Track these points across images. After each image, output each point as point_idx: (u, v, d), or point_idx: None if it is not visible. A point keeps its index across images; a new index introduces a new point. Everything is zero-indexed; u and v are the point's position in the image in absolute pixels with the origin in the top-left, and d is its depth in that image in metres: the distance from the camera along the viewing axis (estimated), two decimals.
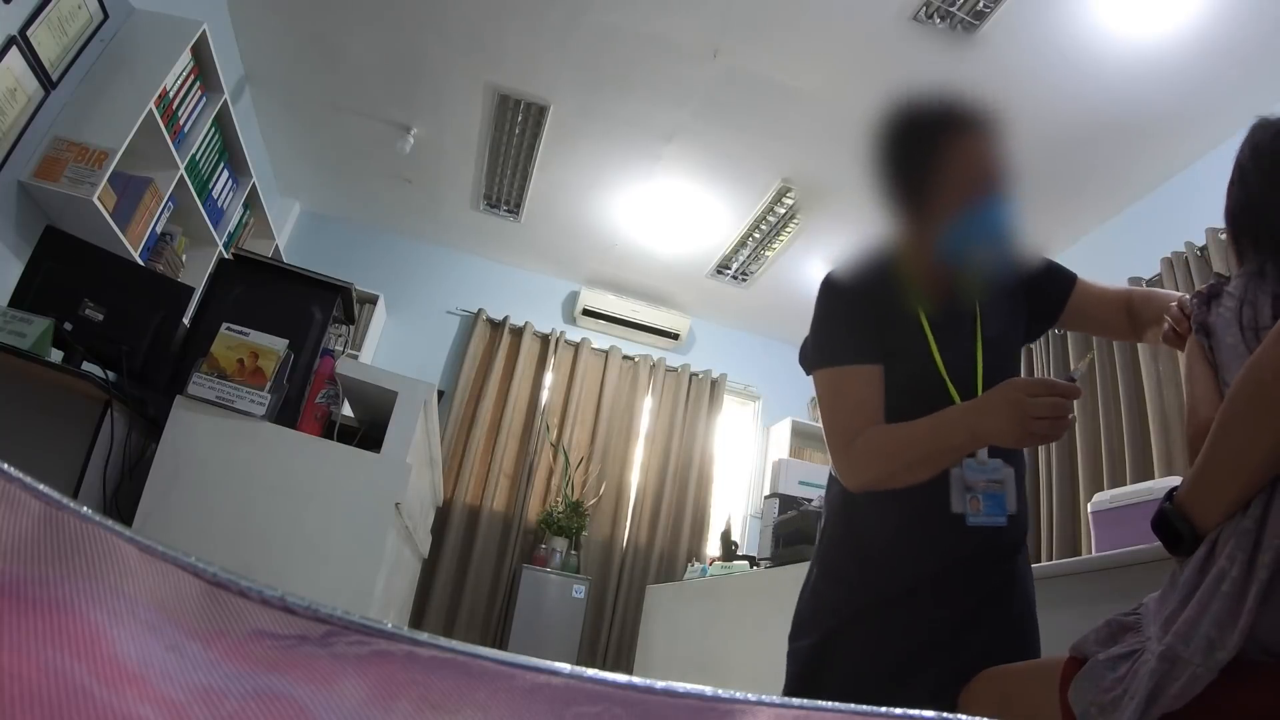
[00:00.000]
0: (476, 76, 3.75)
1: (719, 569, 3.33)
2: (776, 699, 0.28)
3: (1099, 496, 1.85)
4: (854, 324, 1.22)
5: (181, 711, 0.25)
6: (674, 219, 4.64)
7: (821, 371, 1.24)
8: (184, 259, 3.40)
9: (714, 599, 3.24)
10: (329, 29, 3.59)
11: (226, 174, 3.61)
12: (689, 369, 5.55)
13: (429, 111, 4.07)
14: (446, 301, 5.33)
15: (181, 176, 3.08)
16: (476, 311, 5.28)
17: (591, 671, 0.28)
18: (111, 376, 1.88)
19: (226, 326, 1.88)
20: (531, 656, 0.27)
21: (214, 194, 3.51)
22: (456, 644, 0.28)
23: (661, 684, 0.28)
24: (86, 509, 0.27)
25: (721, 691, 0.28)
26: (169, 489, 1.76)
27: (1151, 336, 1.24)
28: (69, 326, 1.88)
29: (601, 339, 5.51)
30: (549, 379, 5.29)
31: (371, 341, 4.87)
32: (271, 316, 1.97)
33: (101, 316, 1.93)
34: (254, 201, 4.02)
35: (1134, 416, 3.29)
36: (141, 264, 2.86)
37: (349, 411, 2.23)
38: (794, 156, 3.95)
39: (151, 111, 2.77)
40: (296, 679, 0.27)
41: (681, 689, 0.28)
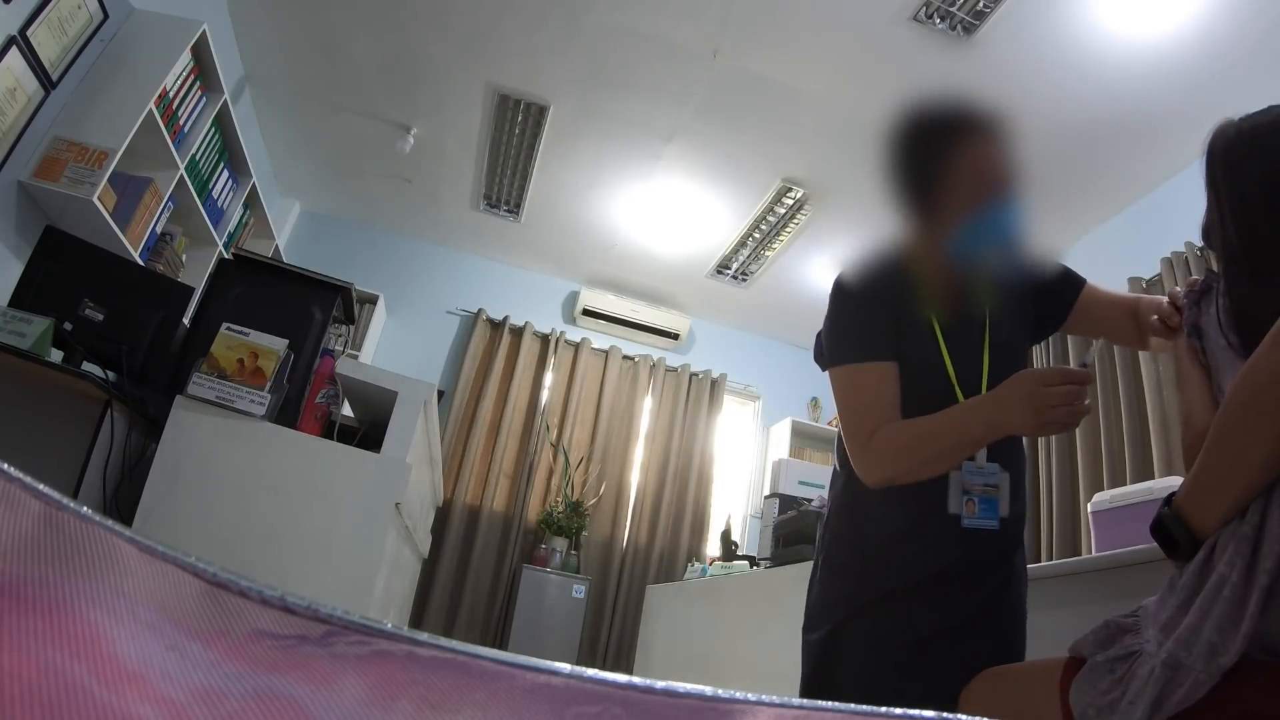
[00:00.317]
0: (476, 76, 3.75)
1: (719, 569, 3.33)
2: (776, 699, 0.28)
3: (1099, 496, 1.85)
4: (868, 322, 1.23)
5: (181, 711, 0.25)
6: (674, 219, 4.64)
7: (838, 369, 1.25)
8: (184, 259, 3.40)
9: (714, 599, 3.24)
10: (329, 29, 3.59)
11: (226, 174, 3.61)
12: (689, 369, 5.55)
13: (429, 111, 4.07)
14: (446, 301, 5.33)
15: (181, 176, 3.08)
16: (476, 311, 5.28)
17: (591, 671, 0.28)
18: (111, 376, 1.88)
19: (226, 326, 1.88)
20: (531, 656, 0.27)
21: (214, 194, 3.51)
22: (456, 644, 0.28)
23: (661, 684, 0.28)
24: (86, 509, 0.27)
25: (721, 691, 0.28)
26: (169, 489, 1.76)
27: (1156, 342, 1.24)
28: (69, 326, 1.88)
29: (601, 339, 5.51)
30: (549, 379, 5.29)
31: (371, 341, 4.87)
32: (271, 316, 1.97)
33: (101, 316, 1.93)
34: (254, 201, 4.02)
35: (1134, 416, 3.29)
36: (141, 264, 2.86)
37: (349, 411, 2.23)
38: (794, 156, 3.95)
39: (151, 111, 2.77)
40: (296, 679, 0.27)
41: (681, 689, 0.28)
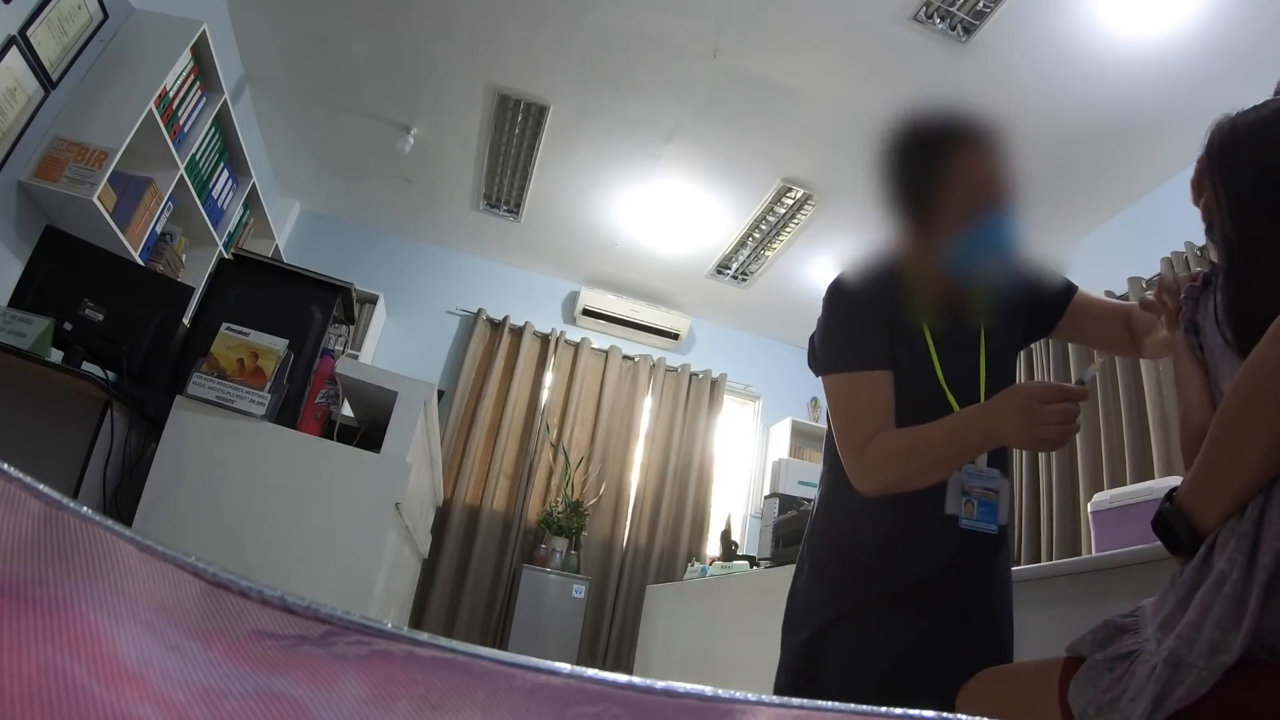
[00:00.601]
0: (476, 76, 3.75)
1: (719, 569, 3.33)
2: (776, 699, 0.28)
3: (1099, 496, 1.85)
4: (863, 330, 1.23)
5: (181, 711, 0.25)
6: (674, 219, 4.64)
7: (832, 377, 1.25)
8: (184, 259, 3.41)
9: (714, 599, 3.24)
10: (329, 29, 3.59)
11: (226, 174, 3.61)
12: (689, 369, 5.55)
13: (429, 111, 4.07)
14: (446, 301, 5.33)
15: (181, 176, 3.08)
16: (476, 311, 5.28)
17: (591, 671, 0.28)
18: (111, 376, 1.88)
19: (226, 326, 1.88)
20: (531, 656, 0.27)
21: (214, 194, 3.51)
22: (456, 644, 0.28)
23: (661, 684, 0.28)
24: (86, 509, 0.27)
25: (721, 691, 0.28)
26: (169, 489, 1.76)
27: (1150, 348, 1.24)
28: (69, 326, 1.88)
29: (601, 339, 5.51)
30: (549, 379, 5.29)
31: (371, 341, 4.87)
32: (271, 316, 1.97)
33: (101, 316, 1.93)
34: (254, 201, 4.02)
35: (1134, 417, 3.29)
36: (141, 264, 2.86)
37: (349, 411, 2.23)
38: (794, 156, 3.95)
39: (151, 111, 2.77)
40: (296, 679, 0.27)
41: (681, 689, 0.28)
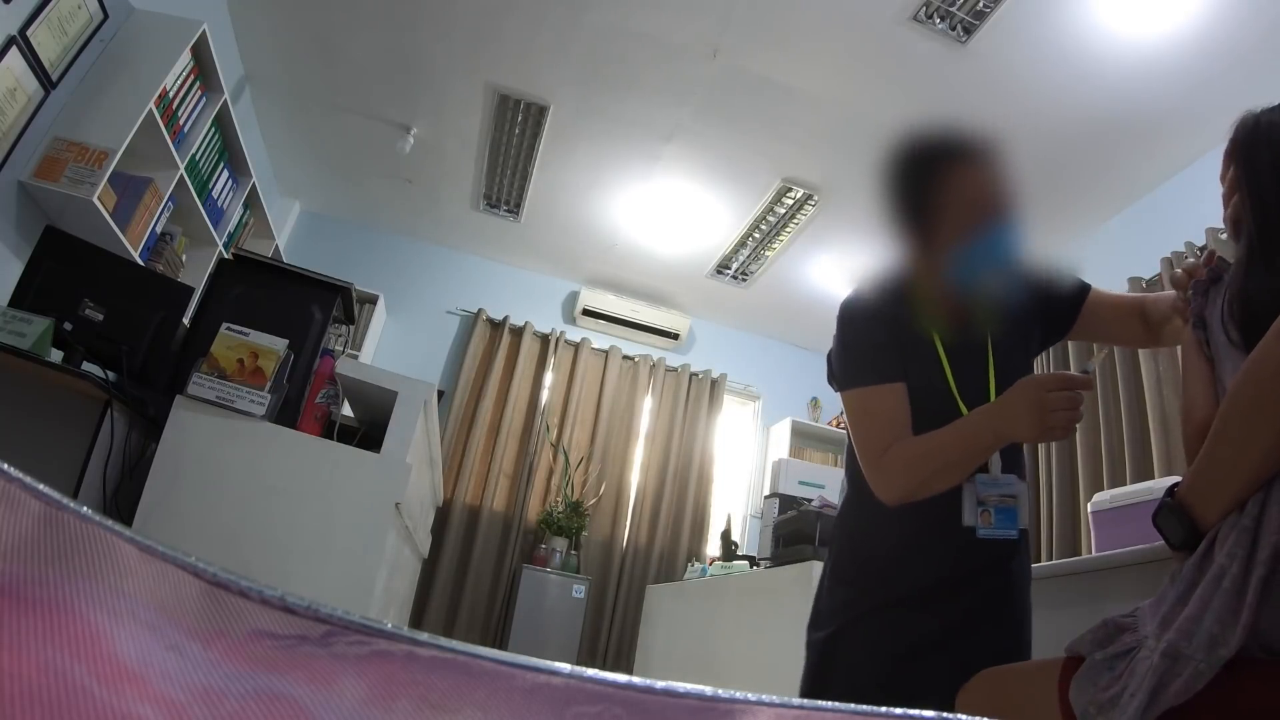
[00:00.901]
0: (476, 76, 3.75)
1: (719, 569, 3.33)
2: (776, 699, 0.28)
3: (1099, 496, 1.85)
4: (876, 345, 1.27)
5: (181, 711, 0.25)
6: (674, 219, 4.64)
7: (850, 392, 1.28)
8: (184, 259, 3.40)
9: (714, 599, 3.24)
10: (329, 29, 3.59)
11: (226, 174, 3.61)
12: (689, 369, 5.55)
13: (429, 111, 4.07)
14: (446, 301, 5.33)
15: (181, 176, 3.08)
16: (476, 311, 5.28)
17: (591, 671, 0.28)
18: (111, 376, 1.88)
19: (226, 326, 1.88)
20: (531, 656, 0.27)
21: (214, 194, 3.51)
22: (456, 644, 0.28)
23: (661, 684, 0.28)
24: (86, 509, 0.27)
25: (721, 691, 0.28)
26: (169, 489, 1.76)
27: (1168, 336, 1.25)
28: (69, 326, 1.88)
29: (601, 339, 5.51)
30: (549, 379, 5.29)
31: (371, 341, 4.87)
32: (271, 316, 1.97)
33: (101, 316, 1.93)
34: (254, 201, 4.02)
35: (1134, 416, 3.29)
36: (141, 264, 2.86)
37: (349, 411, 2.23)
38: (794, 156, 3.95)
39: (151, 111, 2.77)
40: (296, 679, 0.27)
41: (681, 689, 0.28)
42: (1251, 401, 0.82)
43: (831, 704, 0.29)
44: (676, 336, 5.56)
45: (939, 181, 1.21)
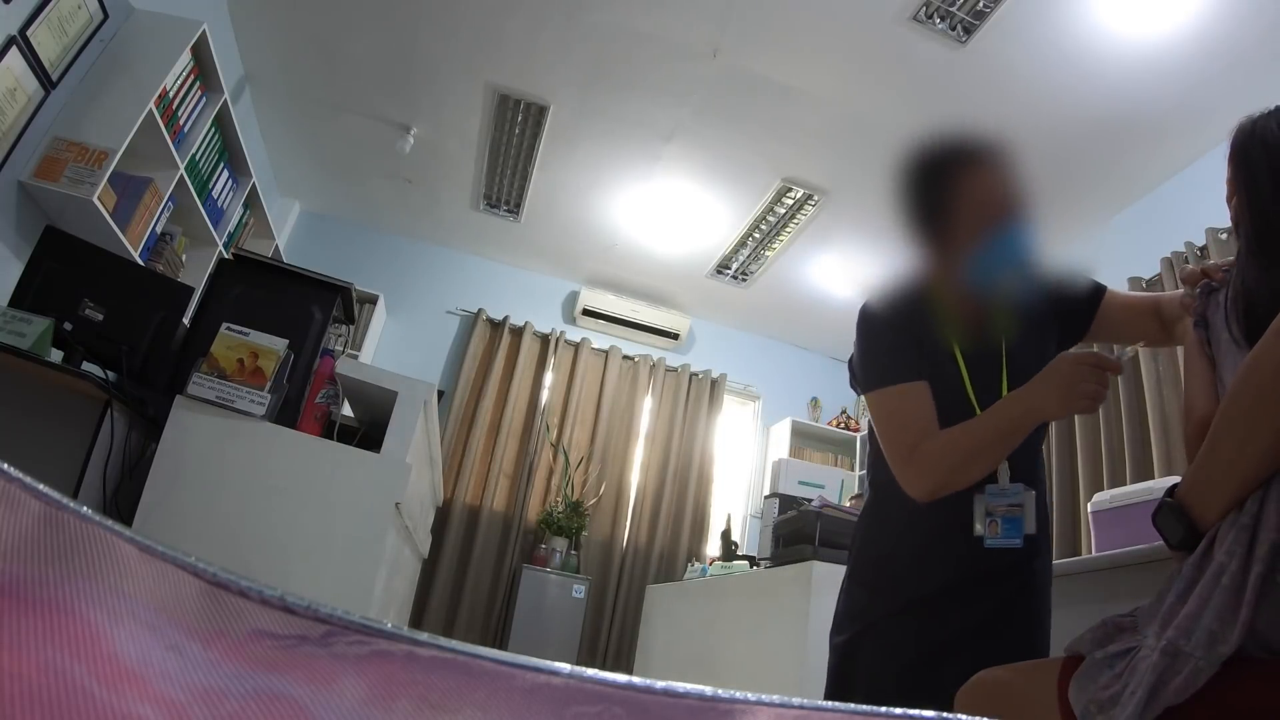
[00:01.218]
0: (476, 76, 3.75)
1: (719, 569, 3.33)
2: (776, 699, 0.28)
3: (1099, 496, 1.85)
4: (897, 346, 1.28)
5: (181, 711, 0.25)
6: (674, 219, 4.64)
7: (874, 393, 1.28)
8: (184, 259, 3.40)
9: (714, 599, 3.24)
10: (329, 29, 3.59)
11: (226, 174, 3.61)
12: (689, 369, 5.55)
13: (429, 111, 4.07)
14: (446, 301, 5.33)
15: (181, 176, 3.08)
16: (476, 311, 5.28)
17: (591, 671, 0.28)
18: (111, 376, 1.88)
19: (226, 326, 1.88)
20: (531, 656, 0.27)
21: (214, 194, 3.51)
22: (456, 644, 0.28)
23: (661, 684, 0.28)
24: (86, 509, 0.27)
25: (721, 691, 0.28)
26: (169, 489, 1.76)
27: (1181, 334, 1.25)
28: (69, 326, 1.88)
29: (601, 339, 5.51)
30: (549, 379, 5.29)
31: (371, 341, 4.87)
32: (271, 316, 1.97)
33: (101, 316, 1.93)
34: (254, 201, 4.02)
35: (1134, 416, 3.29)
36: (141, 264, 2.86)
37: (349, 411, 2.23)
38: (794, 156, 3.95)
39: (151, 111, 2.76)
40: (296, 679, 0.27)
41: (681, 689, 0.28)
42: (1251, 401, 0.82)
43: (831, 704, 0.29)
44: (676, 336, 5.56)
45: (955, 186, 1.21)
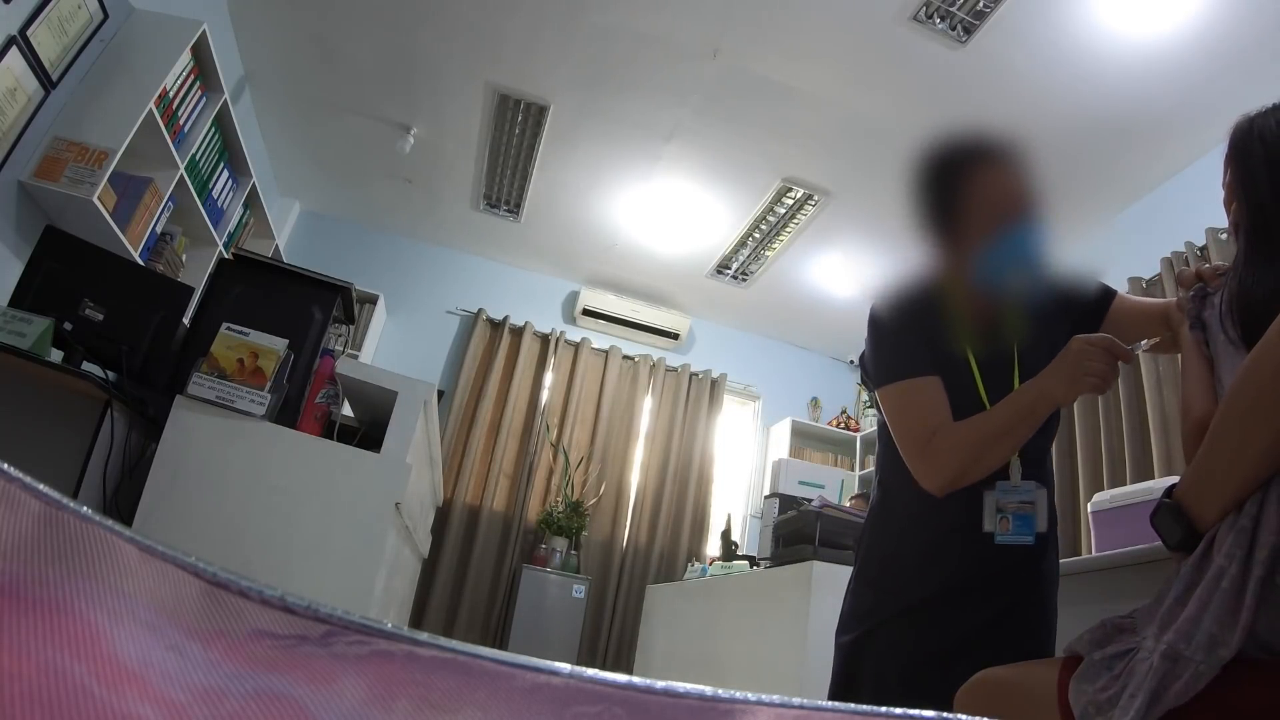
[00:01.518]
0: (476, 76, 3.75)
1: (719, 569, 3.33)
2: (776, 699, 0.28)
3: (1099, 496, 1.85)
4: (910, 342, 1.28)
5: (181, 711, 0.25)
6: (674, 219, 4.64)
7: (887, 387, 1.28)
8: (184, 259, 3.40)
9: (714, 599, 3.24)
10: (329, 29, 3.59)
11: (226, 174, 3.61)
12: (689, 369, 5.55)
13: (429, 111, 4.07)
14: (446, 301, 5.33)
15: (181, 176, 3.08)
16: (476, 311, 5.28)
17: (591, 671, 0.28)
18: (111, 376, 1.88)
19: (226, 326, 1.88)
20: (531, 656, 0.27)
21: (214, 194, 3.51)
22: (456, 644, 0.28)
23: (661, 684, 0.28)
24: (86, 509, 0.27)
25: (721, 691, 0.28)
26: (169, 489, 1.76)
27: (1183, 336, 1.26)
28: (69, 326, 1.88)
29: (601, 339, 5.51)
30: (549, 379, 5.29)
31: (371, 341, 4.87)
32: (271, 316, 1.97)
33: (101, 316, 1.92)
34: (254, 201, 4.02)
35: (1134, 417, 3.29)
36: (141, 264, 2.86)
37: (349, 411, 2.23)
38: (794, 156, 3.95)
39: (151, 111, 2.76)
40: (296, 679, 0.27)
41: (681, 689, 0.28)
42: (1250, 402, 0.82)
43: (831, 704, 0.29)
44: (676, 336, 5.56)
45: (969, 184, 1.22)
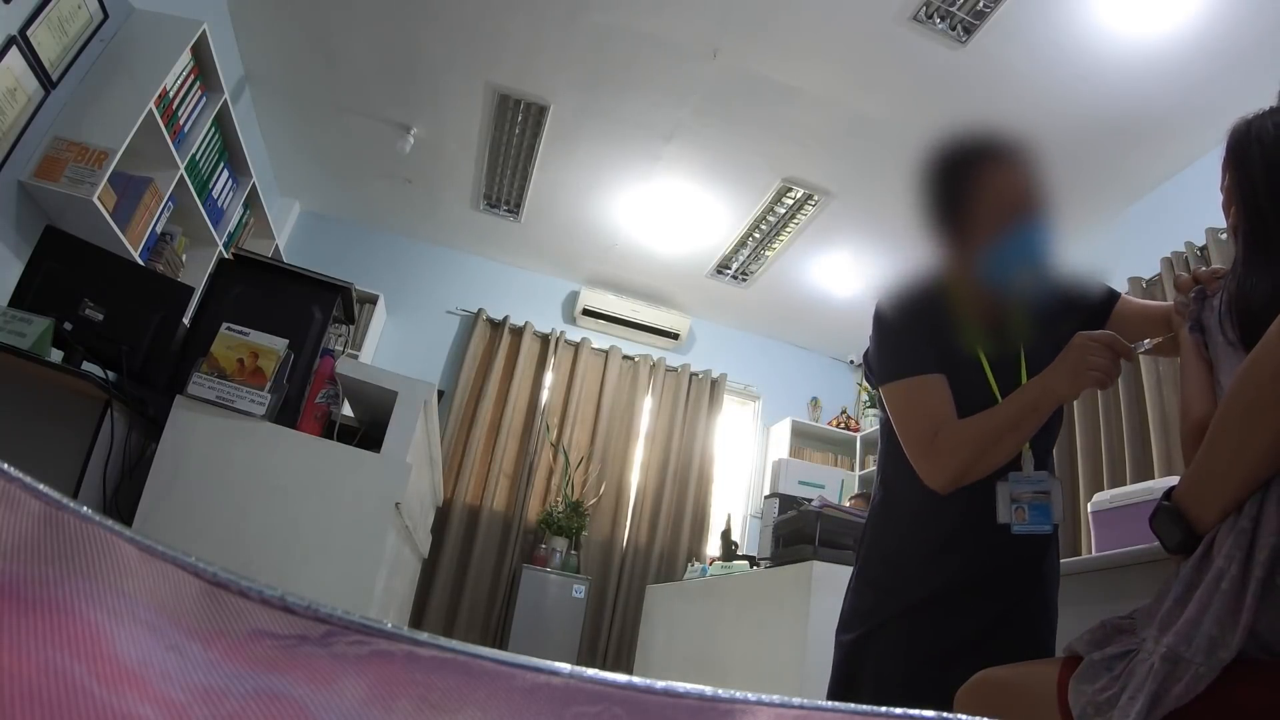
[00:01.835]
0: (476, 76, 3.75)
1: (719, 569, 3.33)
2: (776, 699, 0.28)
3: (1099, 496, 1.85)
4: (916, 340, 1.27)
5: (181, 711, 0.25)
6: (674, 219, 4.64)
7: (891, 384, 1.28)
8: (184, 259, 3.40)
9: (714, 599, 3.24)
10: (329, 29, 3.59)
11: (226, 174, 3.61)
12: (689, 369, 5.55)
13: (429, 111, 4.07)
14: (446, 301, 5.33)
15: (181, 176, 3.08)
16: (476, 311, 5.28)
17: (591, 671, 0.28)
18: (111, 376, 1.88)
19: (226, 326, 1.88)
20: (531, 656, 0.27)
21: (214, 194, 3.51)
22: (456, 644, 0.28)
23: (661, 684, 0.28)
24: (86, 509, 0.27)
25: (721, 691, 0.28)
26: (169, 489, 1.75)
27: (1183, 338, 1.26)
28: (69, 326, 1.88)
29: (601, 339, 5.51)
30: (549, 379, 5.29)
31: (371, 341, 4.87)
32: (271, 316, 1.97)
33: (101, 316, 1.92)
34: (254, 201, 4.02)
35: (1134, 417, 3.29)
36: (141, 264, 2.86)
37: (349, 411, 2.23)
38: (794, 156, 3.95)
39: (151, 111, 2.76)
40: (296, 679, 0.27)
41: (681, 689, 0.28)
42: (1249, 403, 0.82)
43: (831, 704, 0.29)
44: (676, 336, 5.56)
45: (977, 182, 1.22)
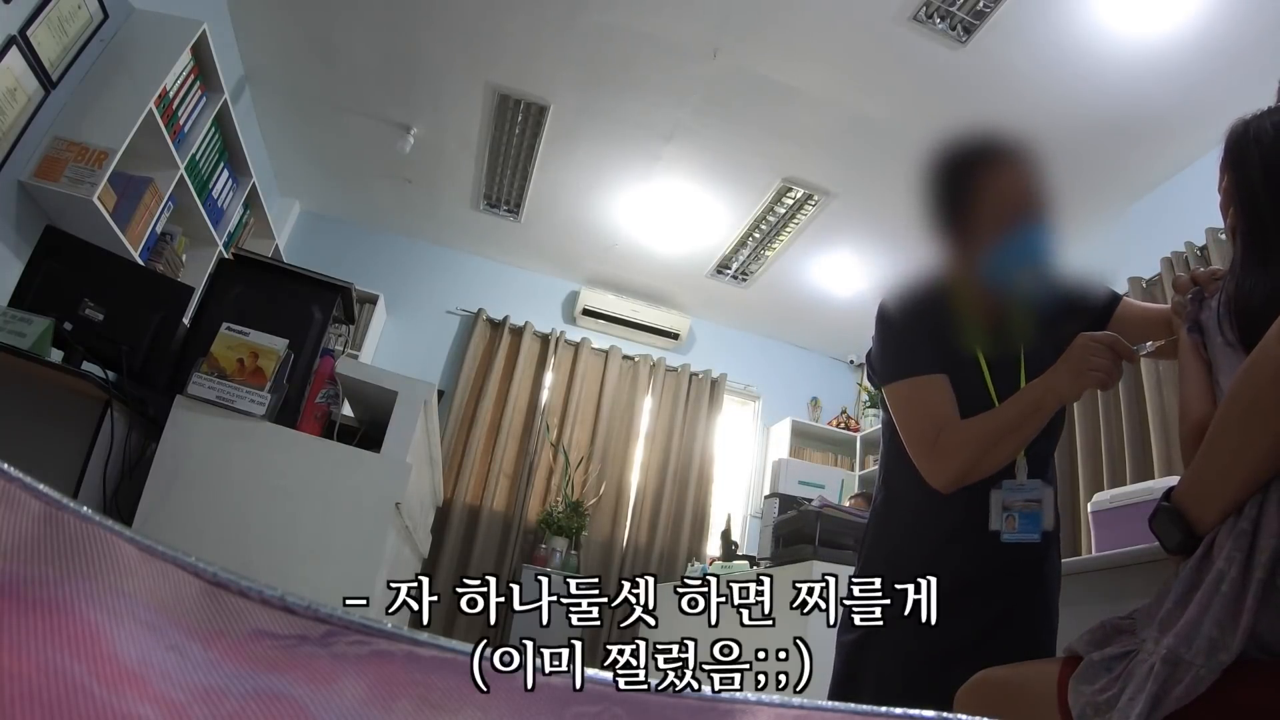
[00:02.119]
0: (476, 76, 3.75)
1: (719, 569, 3.33)
2: (776, 699, 0.28)
3: (1099, 496, 1.85)
4: (918, 340, 1.28)
5: (181, 711, 0.25)
6: (674, 219, 4.64)
7: (894, 385, 1.28)
8: (184, 259, 3.40)
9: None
10: (329, 29, 3.59)
11: (226, 174, 3.61)
12: (689, 369, 5.55)
13: (429, 111, 4.07)
14: (446, 301, 5.33)
15: (181, 176, 3.08)
16: (476, 311, 5.28)
17: (592, 671, 0.28)
18: (111, 376, 1.88)
19: (226, 326, 1.88)
20: None
21: (214, 194, 3.51)
22: (456, 644, 0.28)
23: (662, 684, 0.28)
24: (86, 509, 0.27)
25: (722, 692, 0.28)
26: (169, 489, 1.75)
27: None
28: (69, 326, 1.88)
29: (601, 339, 5.51)
30: (549, 379, 5.29)
31: (371, 341, 4.87)
32: (271, 316, 1.97)
33: (101, 316, 1.92)
34: (254, 201, 4.01)
35: (1134, 416, 3.29)
36: (141, 264, 2.86)
37: (349, 411, 2.23)
38: (794, 156, 3.95)
39: (151, 111, 2.76)
40: (296, 679, 0.27)
41: (682, 689, 0.28)
42: (1249, 404, 0.82)
43: (831, 704, 0.29)
44: (676, 336, 5.56)
45: (981, 183, 1.22)
